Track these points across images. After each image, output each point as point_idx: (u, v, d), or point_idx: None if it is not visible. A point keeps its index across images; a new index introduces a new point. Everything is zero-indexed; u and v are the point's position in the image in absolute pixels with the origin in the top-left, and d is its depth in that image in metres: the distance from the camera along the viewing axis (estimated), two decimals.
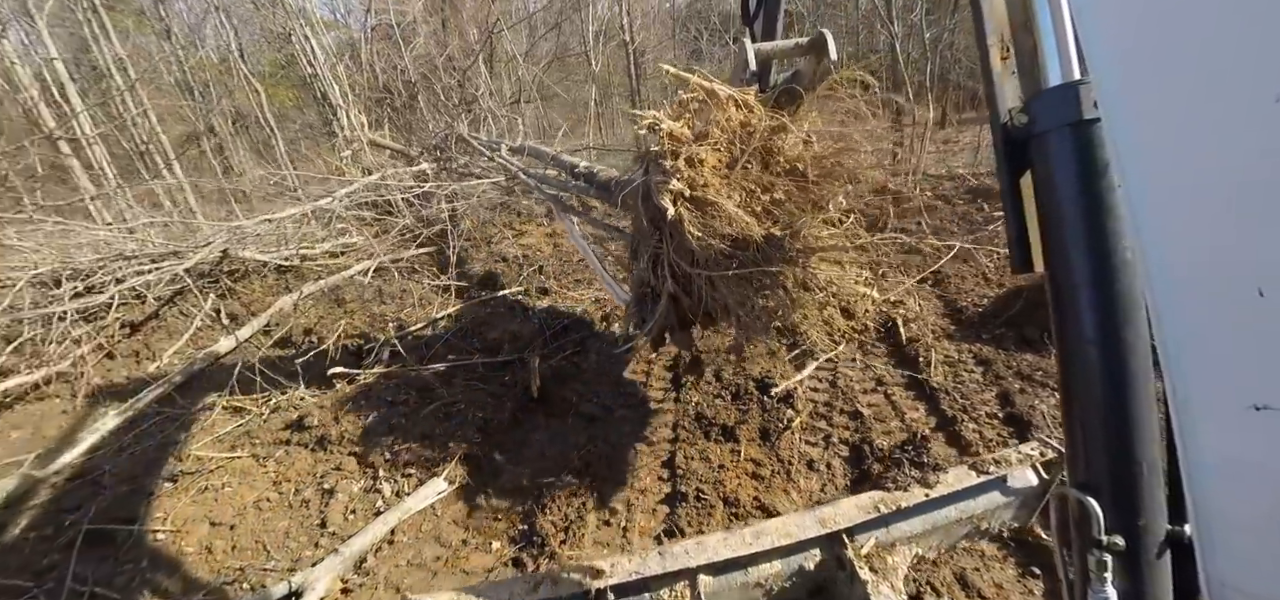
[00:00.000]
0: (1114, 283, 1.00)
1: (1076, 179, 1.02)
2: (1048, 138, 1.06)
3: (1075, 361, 1.07)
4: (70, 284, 4.85)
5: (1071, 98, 1.02)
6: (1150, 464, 1.03)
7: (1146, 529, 1.03)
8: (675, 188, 2.40)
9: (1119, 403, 1.02)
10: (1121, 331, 1.01)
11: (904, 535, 2.40)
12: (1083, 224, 1.02)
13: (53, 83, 7.30)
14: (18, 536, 3.04)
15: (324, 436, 3.39)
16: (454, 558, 2.65)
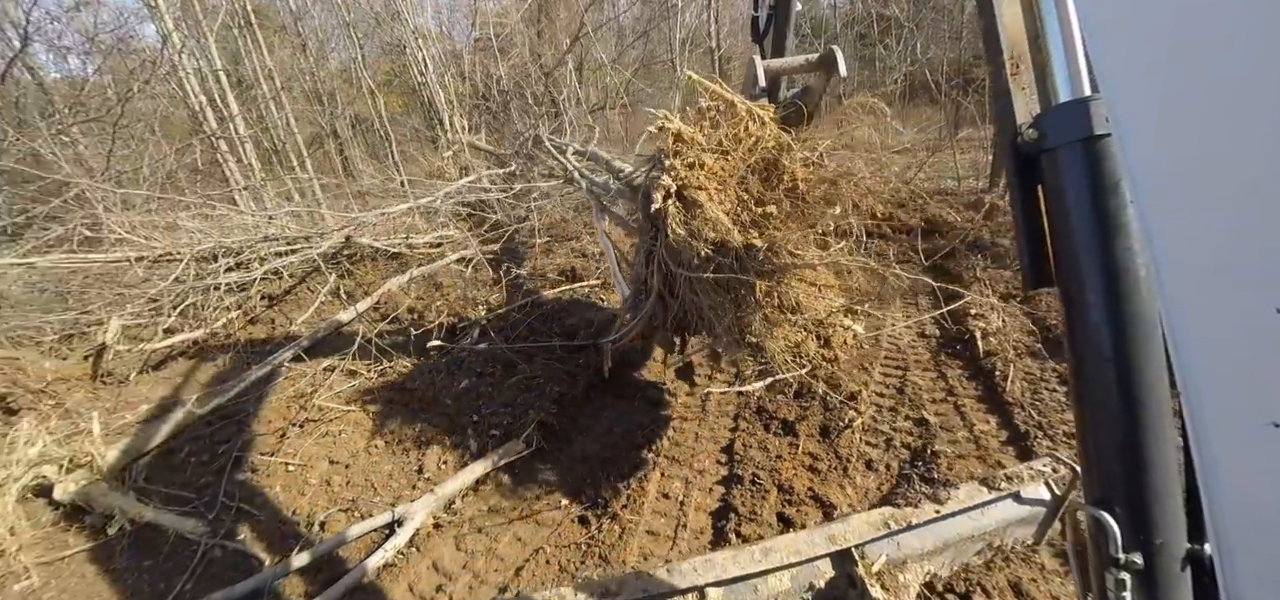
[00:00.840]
0: (1128, 299, 0.99)
1: (1088, 195, 1.01)
2: (1058, 154, 1.05)
3: (1090, 378, 1.06)
4: (224, 260, 5.74)
5: (1082, 114, 1.01)
6: (1168, 481, 1.01)
7: (1165, 548, 1.00)
8: (665, 183, 2.57)
9: (1135, 420, 1.01)
10: (1136, 348, 0.99)
11: (915, 552, 2.36)
12: (1095, 240, 1.01)
13: (216, 91, 8.63)
14: (181, 459, 3.70)
15: (423, 398, 3.85)
16: (528, 509, 2.98)
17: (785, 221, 2.61)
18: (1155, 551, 1.00)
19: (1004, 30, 1.20)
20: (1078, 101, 1.04)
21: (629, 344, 3.61)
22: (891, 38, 15.33)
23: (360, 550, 2.78)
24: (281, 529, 2.97)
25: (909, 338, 4.73)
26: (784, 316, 2.53)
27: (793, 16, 3.10)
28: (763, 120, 2.59)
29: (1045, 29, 1.10)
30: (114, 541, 2.99)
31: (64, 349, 5.36)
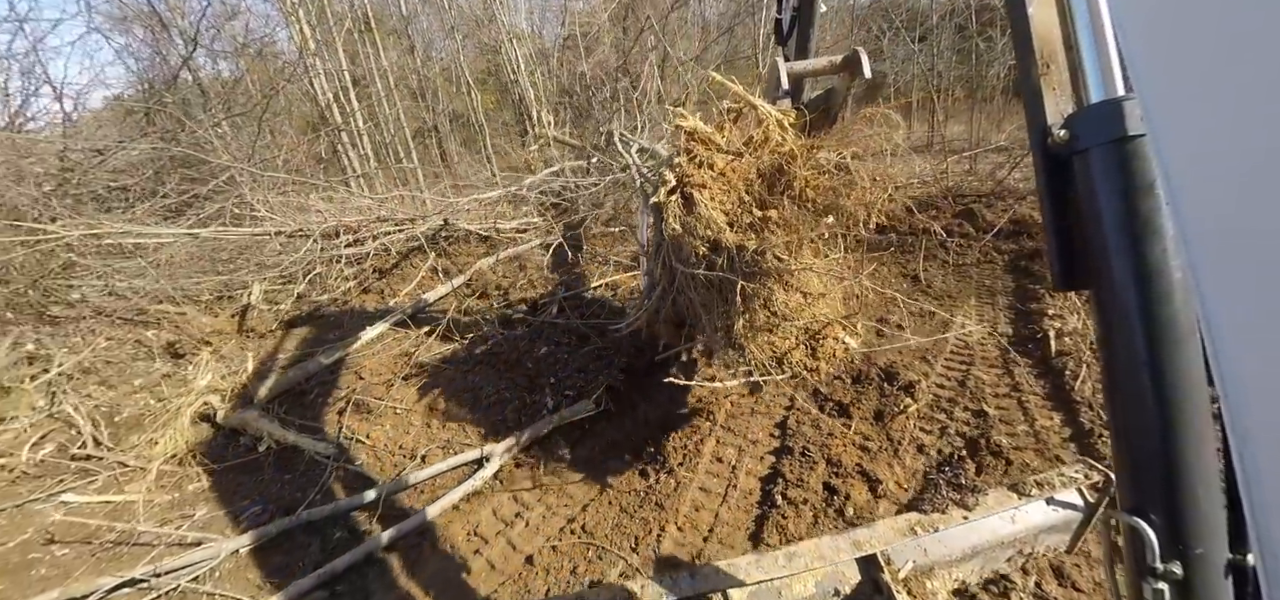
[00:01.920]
0: (1164, 303, 0.96)
1: (1122, 197, 0.99)
2: (1091, 155, 1.03)
3: (1125, 384, 1.03)
4: (344, 237, 6.58)
5: (1115, 114, 0.99)
6: (1207, 489, 0.98)
7: (1205, 557, 0.98)
8: (668, 178, 2.66)
9: (1171, 426, 0.98)
10: (1172, 353, 0.97)
11: (943, 559, 2.30)
12: (1129, 242, 0.98)
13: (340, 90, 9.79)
14: (311, 399, 4.39)
15: (507, 360, 4.33)
16: (595, 459, 3.35)
17: (783, 226, 2.62)
18: (1194, 561, 0.97)
19: (1034, 29, 1.16)
20: (1111, 101, 1.02)
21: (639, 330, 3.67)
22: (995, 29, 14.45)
23: (453, 479, 3.26)
24: (390, 457, 3.52)
25: (979, 335, 4.68)
26: (771, 320, 2.57)
27: (816, 18, 3.11)
28: (781, 124, 2.64)
29: (1076, 27, 1.08)
30: (262, 458, 3.67)
31: (216, 307, 6.37)
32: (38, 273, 6.07)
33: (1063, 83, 1.14)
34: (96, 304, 5.92)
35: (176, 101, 9.11)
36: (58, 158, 7.40)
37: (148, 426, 4.03)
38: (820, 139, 2.82)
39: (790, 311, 2.59)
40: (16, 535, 3.24)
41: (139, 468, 3.59)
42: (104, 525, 3.16)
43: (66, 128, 8.12)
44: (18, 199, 6.41)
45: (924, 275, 5.82)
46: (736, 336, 2.58)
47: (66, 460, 3.73)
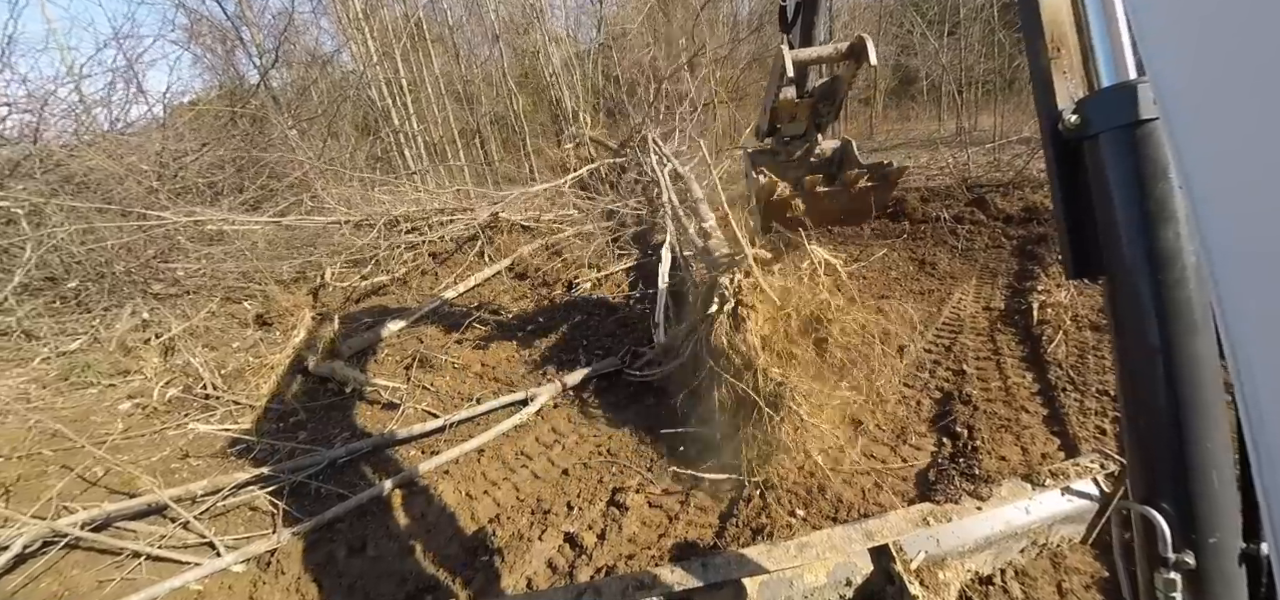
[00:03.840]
0: (1177, 288, 0.95)
1: (1135, 182, 0.98)
2: (1102, 139, 1.01)
3: (1137, 371, 1.03)
4: (403, 226, 7.40)
5: (1128, 98, 0.98)
6: (1221, 479, 0.97)
7: (1218, 547, 0.97)
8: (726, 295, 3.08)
9: (1184, 414, 0.97)
10: (1186, 340, 0.96)
11: (955, 549, 2.28)
12: (1142, 227, 0.97)
13: (397, 95, 10.77)
14: (383, 357, 5.15)
15: (546, 326, 5.01)
16: (621, 403, 3.96)
17: (804, 370, 2.98)
18: (1207, 550, 0.97)
19: (1044, 11, 1.15)
20: (1123, 85, 1.01)
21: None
22: None
23: (504, 415, 3.92)
24: (451, 399, 4.22)
25: (973, 310, 5.07)
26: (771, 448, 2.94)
27: (821, 6, 3.08)
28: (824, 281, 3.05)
29: (1087, 8, 1.06)
30: (347, 398, 4.43)
31: (293, 287, 7.25)
32: (144, 255, 7.07)
33: (1073, 67, 1.12)
34: (195, 282, 6.87)
35: (255, 107, 10.20)
36: (156, 156, 8.47)
37: (249, 377, 4.85)
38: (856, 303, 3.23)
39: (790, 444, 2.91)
40: (157, 453, 4.06)
41: (249, 405, 4.39)
42: (227, 445, 3.96)
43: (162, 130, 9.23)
44: (126, 192, 7.44)
45: (931, 258, 6.20)
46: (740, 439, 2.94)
47: (190, 397, 4.57)
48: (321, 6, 12.27)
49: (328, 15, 11.95)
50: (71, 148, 7.71)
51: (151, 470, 3.81)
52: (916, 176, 9.29)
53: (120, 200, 7.30)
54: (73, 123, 8.64)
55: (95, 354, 5.45)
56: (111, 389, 5.01)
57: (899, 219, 7.21)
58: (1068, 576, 2.38)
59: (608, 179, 10.02)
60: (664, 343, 3.96)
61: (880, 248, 6.48)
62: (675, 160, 9.22)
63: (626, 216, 8.16)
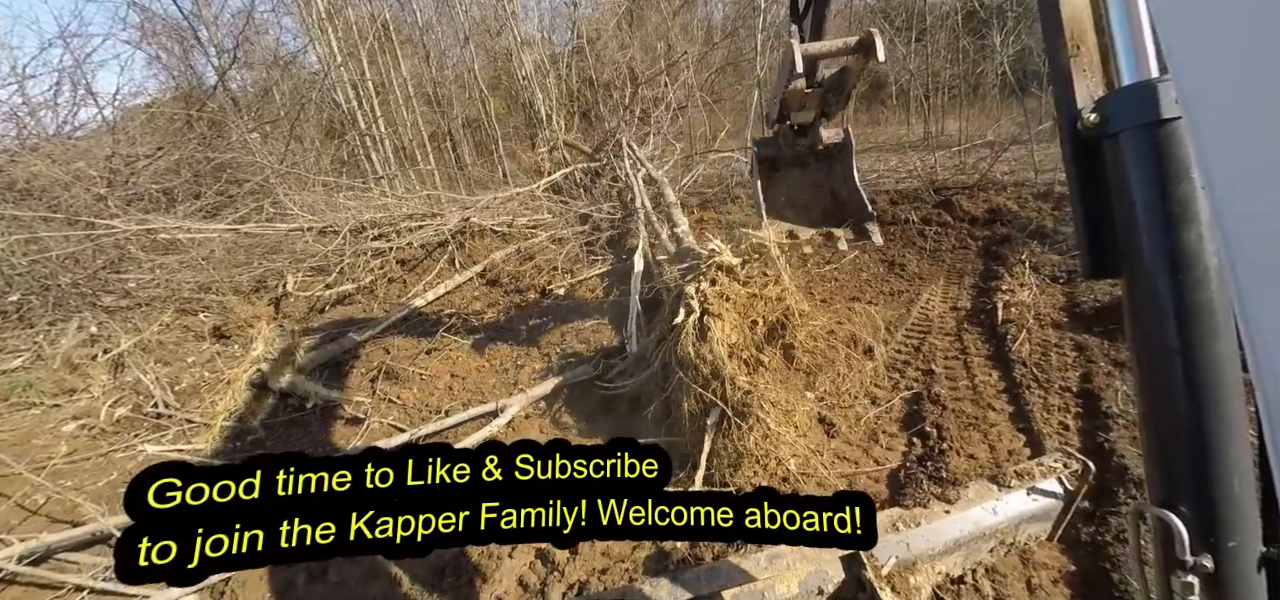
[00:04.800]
0: (1197, 290, 0.95)
1: (1156, 182, 0.97)
2: (1123, 138, 1.01)
3: (1156, 373, 1.02)
4: (369, 232, 7.20)
5: (1149, 96, 0.97)
6: (1242, 483, 0.96)
7: (1238, 550, 0.97)
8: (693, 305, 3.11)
9: (1204, 417, 0.96)
10: (1207, 343, 0.95)
11: (925, 553, 2.30)
12: (1162, 228, 0.97)
13: (364, 97, 10.50)
14: (346, 370, 4.97)
15: (519, 335, 4.90)
16: (594, 413, 3.89)
17: (773, 376, 3.02)
18: (1226, 554, 0.96)
19: (1064, 9, 1.14)
20: (1144, 84, 1.01)
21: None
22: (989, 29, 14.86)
23: (472, 429, 3.81)
24: (418, 413, 4.09)
25: (940, 310, 5.14)
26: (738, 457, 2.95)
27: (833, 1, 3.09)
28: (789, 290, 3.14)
29: (1108, 5, 1.06)
30: (309, 414, 4.26)
31: (253, 297, 6.98)
32: (93, 266, 6.73)
33: (1093, 65, 1.12)
34: (148, 294, 6.56)
35: (212, 110, 9.84)
36: (106, 162, 8.10)
37: (205, 394, 4.64)
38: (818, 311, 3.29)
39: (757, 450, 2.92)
40: (104, 477, 3.85)
41: (204, 423, 4.19)
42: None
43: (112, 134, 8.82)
44: (73, 199, 7.09)
45: (901, 259, 6.29)
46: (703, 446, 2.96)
47: (141, 416, 4.34)
48: (283, 5, 11.94)
49: (290, 14, 11.62)
50: (13, 153, 7.34)
51: (97, 497, 3.61)
52: (886, 179, 9.43)
53: (67, 208, 6.96)
54: (15, 127, 8.24)
55: (38, 372, 5.16)
56: (55, 409, 4.74)
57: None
58: (1036, 572, 2.43)
59: (582, 183, 9.93)
60: (636, 352, 3.91)
61: (852, 249, 6.54)
62: (649, 164, 9.19)
63: (601, 221, 8.09)
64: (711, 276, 3.40)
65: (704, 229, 7.25)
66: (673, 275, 4.25)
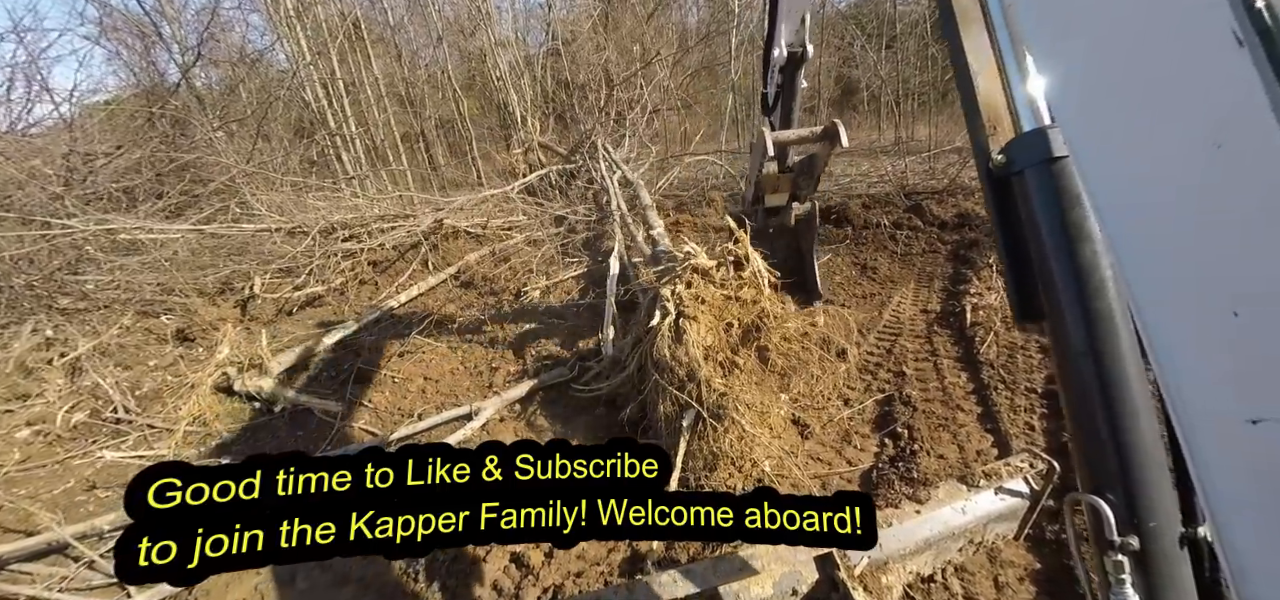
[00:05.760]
0: (1097, 298, 1.08)
1: (1054, 207, 1.12)
2: (1027, 174, 1.16)
3: (1070, 372, 1.14)
4: (341, 233, 7.06)
5: (1042, 140, 1.14)
6: (1155, 468, 1.06)
7: (1159, 530, 1.05)
8: (668, 308, 3.16)
9: (1115, 410, 1.07)
10: (1108, 343, 1.07)
11: (897, 552, 2.36)
12: (1063, 246, 1.10)
13: (334, 96, 10.29)
14: (316, 374, 4.88)
15: (493, 338, 4.87)
16: (568, 416, 3.89)
17: (747, 378, 3.08)
18: (1150, 534, 1.05)
19: (980, 97, 1.36)
20: (1038, 130, 1.19)
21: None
22: None
23: (446, 432, 3.77)
24: (390, 417, 4.03)
25: (911, 313, 5.27)
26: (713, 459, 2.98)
27: (799, 93, 3.41)
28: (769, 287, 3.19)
29: (1010, 79, 1.30)
30: (276, 419, 4.16)
31: (219, 298, 6.79)
32: (49, 267, 6.47)
33: (1003, 125, 1.35)
34: (107, 296, 6.33)
35: (175, 107, 9.54)
36: (63, 160, 7.79)
37: (168, 398, 4.50)
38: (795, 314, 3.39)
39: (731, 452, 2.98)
40: (61, 484, 3.71)
41: (166, 428, 4.06)
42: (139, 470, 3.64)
43: (70, 131, 8.49)
44: (28, 198, 6.80)
45: (872, 263, 6.41)
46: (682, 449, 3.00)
47: (99, 421, 4.19)
48: (249, 2, 11.65)
49: (257, 11, 11.34)
50: None
51: (52, 505, 3.48)
52: (858, 184, 9.61)
53: (21, 207, 6.68)
54: None
55: None
56: (8, 415, 4.54)
57: (842, 225, 7.43)
58: (1003, 570, 2.50)
59: (557, 185, 9.90)
60: (611, 355, 3.92)
61: (825, 253, 6.65)
62: (625, 167, 9.21)
63: (577, 223, 8.08)
64: (687, 279, 3.44)
65: (680, 232, 7.32)
66: (649, 277, 4.28)
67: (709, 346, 3.30)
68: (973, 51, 1.40)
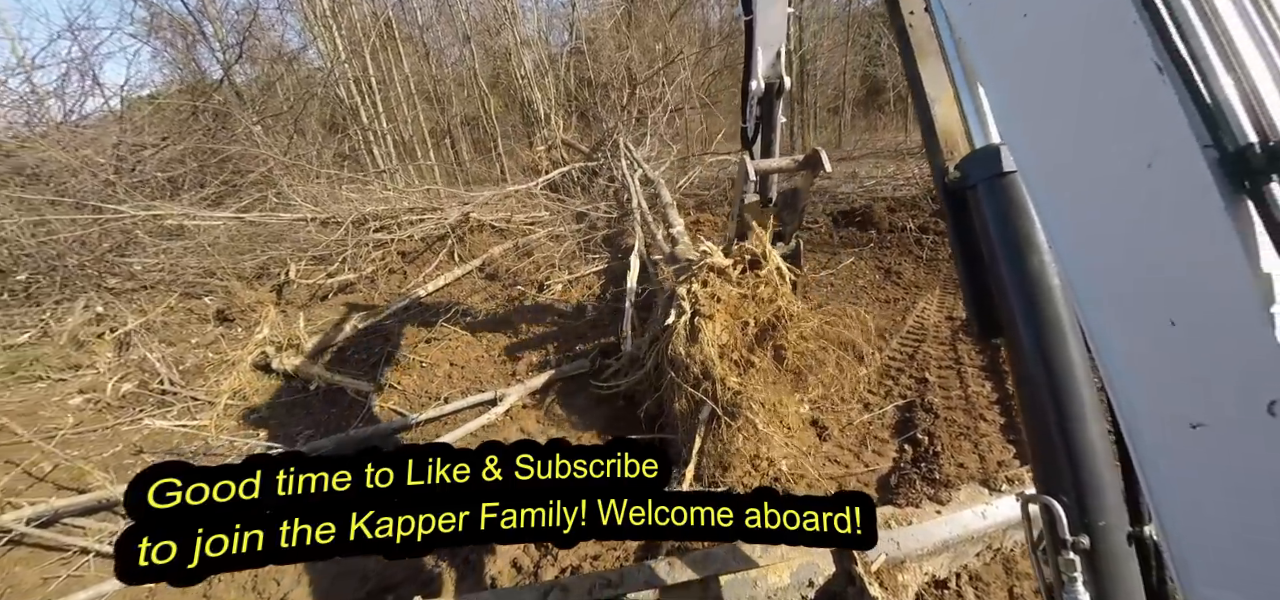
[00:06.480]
0: (1045, 305, 1.11)
1: (1004, 218, 1.17)
2: (980, 188, 1.22)
3: (1023, 376, 1.17)
4: (371, 224, 7.30)
5: (993, 156, 1.20)
6: (1104, 469, 1.10)
7: (1108, 529, 1.08)
8: (685, 306, 3.17)
9: (1064, 412, 1.10)
10: (1058, 350, 1.10)
11: (915, 552, 2.34)
12: (1014, 258, 1.14)
13: (366, 93, 10.61)
14: (349, 356, 5.08)
15: (516, 328, 5.01)
16: (588, 407, 4.00)
17: (762, 378, 3.08)
18: (1098, 533, 1.08)
19: (938, 124, 1.44)
20: (990, 146, 1.26)
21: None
22: None
23: (472, 415, 3.91)
24: (418, 399, 4.19)
25: (936, 319, 5.24)
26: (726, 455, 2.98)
27: (778, 126, 3.43)
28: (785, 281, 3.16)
29: (963, 105, 1.38)
30: (312, 396, 4.36)
31: (257, 282, 7.07)
32: (100, 249, 6.82)
33: (962, 150, 1.41)
34: (153, 277, 6.65)
35: (217, 102, 9.94)
36: (113, 150, 8.18)
37: (209, 374, 4.73)
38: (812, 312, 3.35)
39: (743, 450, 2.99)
40: (110, 448, 3.94)
41: (208, 401, 4.28)
42: (182, 440, 3.86)
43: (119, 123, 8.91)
44: (81, 185, 7.17)
45: (897, 267, 6.37)
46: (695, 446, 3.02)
47: (146, 392, 4.44)
48: (288, 2, 12.04)
49: (293, 11, 11.74)
50: (23, 139, 7.41)
51: (103, 466, 3.70)
52: (883, 186, 9.54)
53: (74, 193, 7.04)
54: (25, 114, 8.31)
55: (45, 347, 5.25)
56: (61, 383, 4.83)
57: (866, 228, 7.39)
58: (1019, 582, 2.45)
59: (579, 182, 10.04)
60: (630, 352, 3.99)
61: (848, 256, 6.64)
62: (646, 165, 9.31)
63: (598, 220, 8.20)
64: (703, 278, 3.47)
65: (700, 230, 7.39)
66: (667, 276, 4.35)
67: (724, 345, 3.31)
68: (930, 80, 1.48)
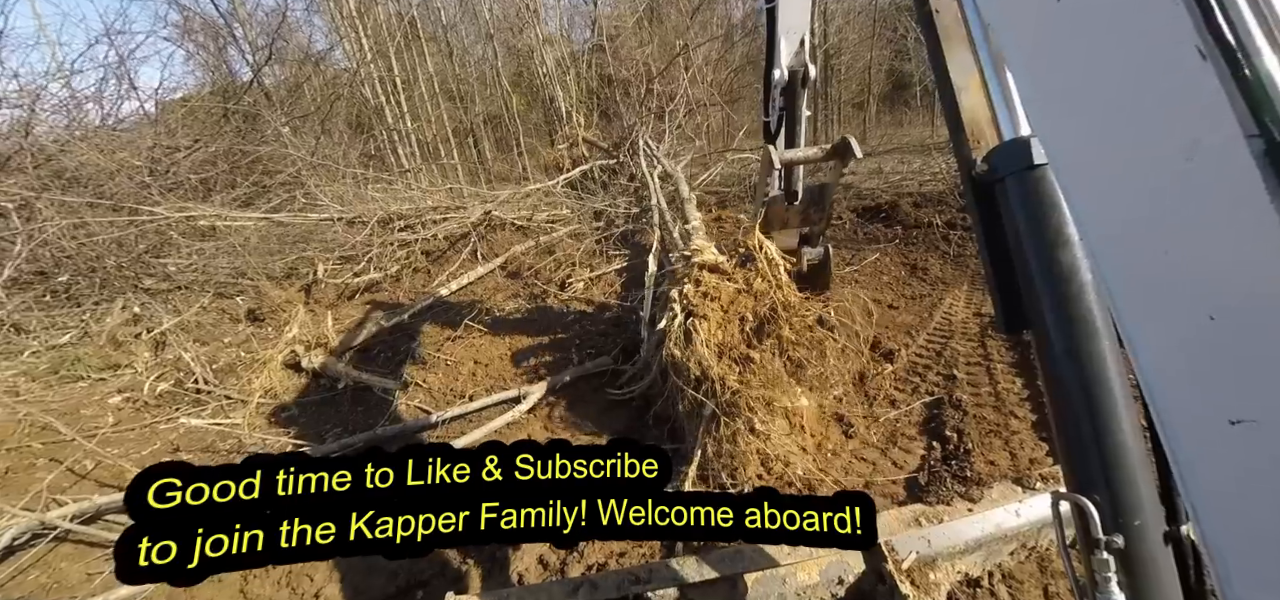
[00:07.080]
0: (1076, 301, 1.09)
1: (1035, 213, 1.13)
2: (1008, 182, 1.19)
3: (1054, 375, 1.15)
4: (396, 223, 7.40)
5: (1022, 148, 1.16)
6: (1139, 467, 1.07)
7: (1143, 528, 1.06)
8: (676, 309, 3.11)
9: (1097, 411, 1.07)
10: (1089, 346, 1.08)
11: (946, 550, 2.30)
12: (1044, 251, 1.12)
13: (391, 93, 10.77)
14: (374, 355, 5.15)
15: (540, 326, 5.03)
16: (613, 405, 3.99)
17: (763, 372, 2.99)
18: (1134, 533, 1.06)
19: (965, 114, 1.39)
20: (1019, 138, 1.22)
21: None
22: None
23: (496, 413, 3.94)
24: (443, 397, 4.23)
25: (964, 316, 5.12)
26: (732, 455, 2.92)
27: (802, 118, 3.26)
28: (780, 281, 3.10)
29: (991, 94, 1.34)
30: (340, 395, 4.43)
31: (285, 282, 7.22)
32: (136, 250, 7.02)
33: (989, 141, 1.38)
34: (187, 277, 6.83)
35: (247, 104, 10.17)
36: (148, 152, 8.42)
37: (241, 372, 4.84)
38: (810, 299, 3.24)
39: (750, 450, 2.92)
40: (148, 446, 4.06)
41: (241, 399, 4.38)
42: (217, 438, 3.96)
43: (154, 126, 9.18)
44: (118, 187, 7.39)
45: (923, 263, 6.25)
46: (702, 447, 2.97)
47: (181, 391, 4.56)
48: (315, 4, 12.26)
49: (320, 13, 11.94)
50: (63, 143, 7.65)
51: (141, 464, 3.80)
52: (909, 182, 9.36)
53: (112, 195, 7.26)
54: (64, 118, 8.59)
55: (85, 348, 5.43)
56: (101, 383, 4.99)
57: (892, 224, 7.27)
58: (1054, 581, 2.39)
59: (600, 180, 10.04)
60: (644, 356, 3.96)
61: (872, 252, 6.54)
62: (666, 161, 9.26)
63: (618, 217, 8.19)
64: (695, 277, 3.39)
65: (722, 226, 7.33)
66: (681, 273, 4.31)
67: (722, 343, 3.23)
68: (956, 69, 1.43)
